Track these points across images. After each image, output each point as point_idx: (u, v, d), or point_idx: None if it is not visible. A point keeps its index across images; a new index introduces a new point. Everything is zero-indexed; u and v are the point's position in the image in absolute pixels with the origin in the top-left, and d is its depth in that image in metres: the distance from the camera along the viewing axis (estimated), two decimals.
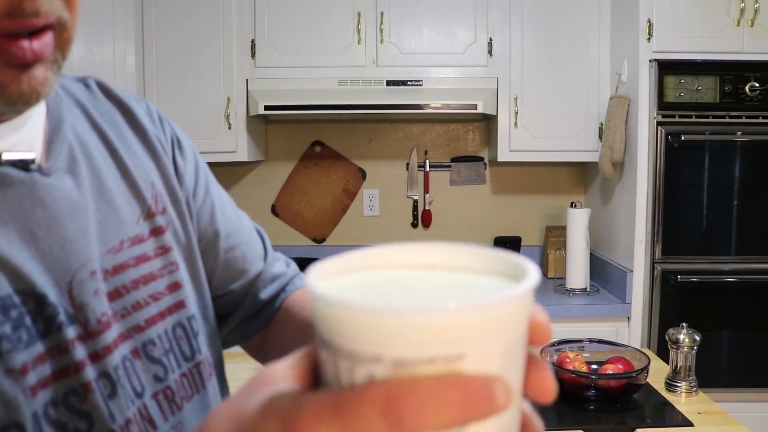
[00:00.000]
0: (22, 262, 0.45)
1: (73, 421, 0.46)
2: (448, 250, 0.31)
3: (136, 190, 0.58)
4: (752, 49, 2.23)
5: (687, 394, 1.51)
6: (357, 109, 2.49)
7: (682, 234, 2.28)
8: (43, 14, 0.43)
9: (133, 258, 0.55)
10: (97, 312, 0.50)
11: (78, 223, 0.50)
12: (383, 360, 0.25)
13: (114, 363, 0.50)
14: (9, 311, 0.43)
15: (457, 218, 2.98)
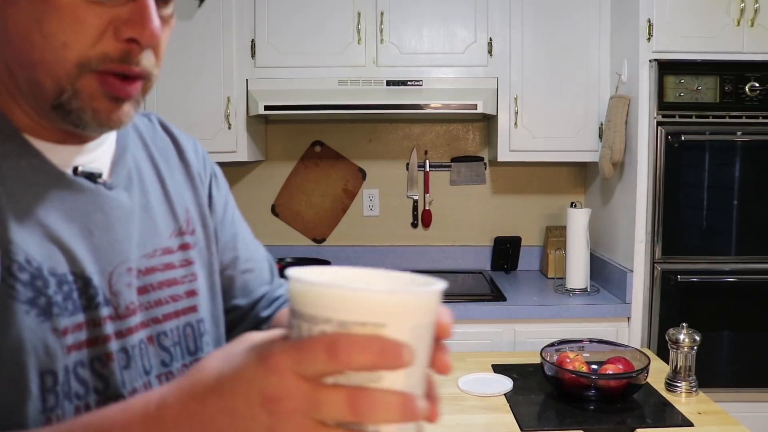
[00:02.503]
0: (79, 251, 0.60)
1: (94, 381, 0.60)
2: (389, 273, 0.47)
3: (173, 211, 0.73)
4: (752, 49, 2.23)
5: (687, 394, 1.51)
6: (357, 109, 2.49)
7: (682, 234, 2.28)
8: (141, 67, 0.59)
9: (162, 264, 0.69)
10: (127, 300, 0.64)
11: (125, 229, 0.65)
12: (332, 322, 0.40)
13: (132, 343, 0.63)
14: (62, 285, 0.58)
15: (457, 218, 2.98)
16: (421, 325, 0.42)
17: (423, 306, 0.42)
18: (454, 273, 2.92)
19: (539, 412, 1.45)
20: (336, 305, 0.40)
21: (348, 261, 2.96)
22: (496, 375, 1.64)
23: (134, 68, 0.59)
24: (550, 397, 1.50)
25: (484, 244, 2.98)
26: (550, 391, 1.53)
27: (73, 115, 0.58)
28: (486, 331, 2.33)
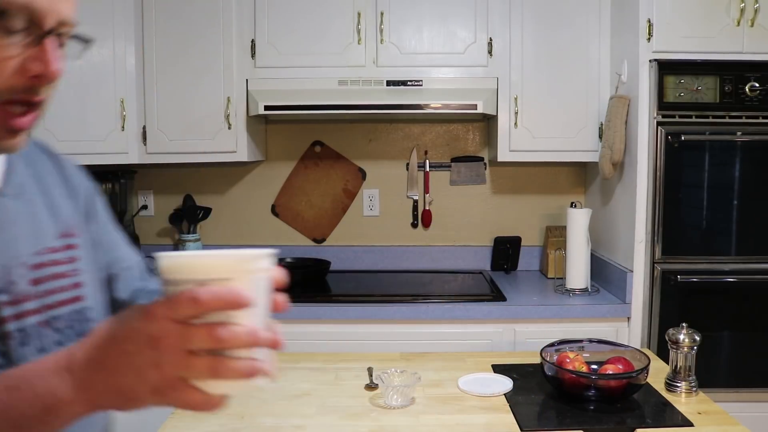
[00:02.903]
0: None
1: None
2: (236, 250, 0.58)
3: (56, 217, 0.85)
4: (752, 49, 2.23)
5: (687, 394, 1.51)
6: (357, 109, 2.50)
7: (682, 234, 2.28)
8: (41, 97, 0.69)
9: (50, 260, 0.81)
10: (21, 289, 0.76)
11: (18, 231, 0.78)
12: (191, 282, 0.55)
13: (28, 324, 0.76)
14: None
15: (457, 218, 2.98)
16: (257, 277, 0.59)
17: (256, 263, 0.59)
18: (454, 273, 2.92)
19: (539, 412, 1.45)
20: (193, 270, 0.57)
21: (348, 261, 2.96)
22: (496, 375, 1.64)
23: (35, 98, 0.70)
24: (550, 397, 1.50)
25: (484, 244, 2.98)
26: (550, 391, 1.53)
27: None
28: (486, 331, 2.33)
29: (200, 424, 1.37)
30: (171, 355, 0.56)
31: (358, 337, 2.31)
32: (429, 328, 2.33)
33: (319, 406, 1.46)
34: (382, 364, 1.68)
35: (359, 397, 1.50)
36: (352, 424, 1.37)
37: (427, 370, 1.66)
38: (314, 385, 1.59)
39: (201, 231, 2.92)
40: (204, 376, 0.57)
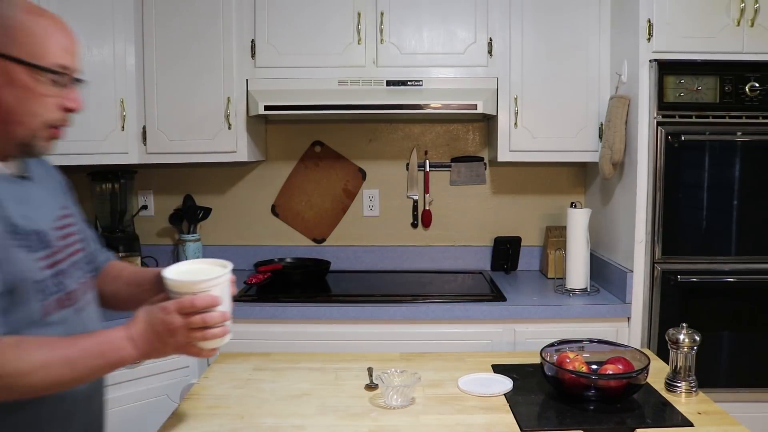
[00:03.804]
0: (32, 218, 1.13)
1: (57, 284, 1.14)
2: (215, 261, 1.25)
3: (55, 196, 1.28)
4: (752, 49, 2.23)
5: (687, 394, 1.51)
6: (357, 109, 2.49)
7: (682, 234, 2.28)
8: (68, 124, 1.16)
9: (64, 224, 1.24)
10: (54, 246, 1.17)
11: (43, 205, 1.19)
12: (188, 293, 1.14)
13: (66, 266, 1.19)
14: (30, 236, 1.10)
15: (457, 218, 2.98)
16: (222, 285, 1.18)
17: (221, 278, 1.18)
18: (454, 273, 2.92)
19: (539, 412, 1.45)
20: (183, 288, 1.15)
21: (348, 261, 2.96)
22: (496, 375, 1.64)
23: (66, 124, 1.18)
24: (550, 397, 1.50)
25: (484, 244, 2.98)
26: (550, 391, 1.53)
27: (32, 148, 1.15)
28: (486, 331, 2.33)
29: (200, 424, 1.37)
30: (180, 332, 1.13)
31: (358, 337, 2.31)
32: (429, 328, 2.33)
33: (319, 406, 1.46)
34: (382, 364, 1.68)
35: (359, 397, 1.50)
36: (352, 424, 1.37)
37: (427, 370, 1.66)
38: (314, 385, 1.59)
39: (201, 231, 2.92)
40: (199, 341, 1.16)
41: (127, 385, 2.17)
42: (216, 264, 1.23)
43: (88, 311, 1.24)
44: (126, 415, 2.18)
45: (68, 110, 1.14)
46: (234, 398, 1.50)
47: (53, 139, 1.15)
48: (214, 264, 1.24)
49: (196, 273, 1.19)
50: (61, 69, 1.10)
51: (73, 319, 1.17)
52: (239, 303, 2.35)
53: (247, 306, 2.34)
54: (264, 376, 1.63)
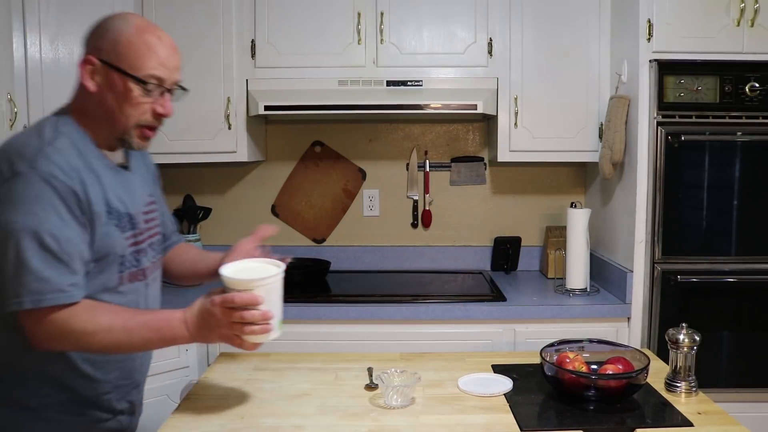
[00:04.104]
0: (126, 203, 1.37)
1: (134, 260, 1.38)
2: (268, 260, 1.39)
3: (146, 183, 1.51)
4: (752, 49, 2.23)
5: (687, 394, 1.51)
6: (357, 109, 2.49)
7: (682, 234, 2.28)
8: (160, 124, 1.38)
9: (149, 210, 1.47)
10: (141, 224, 1.41)
11: (136, 192, 1.42)
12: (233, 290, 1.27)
13: (145, 246, 1.42)
14: (122, 218, 1.34)
15: (457, 218, 2.98)
16: (268, 286, 1.29)
17: (267, 280, 1.29)
18: (454, 273, 2.92)
19: (539, 413, 1.45)
20: (234, 285, 1.27)
21: (348, 261, 2.96)
22: (496, 375, 1.64)
23: (157, 126, 1.37)
24: (550, 398, 1.50)
25: (484, 244, 2.98)
26: (550, 391, 1.53)
27: (128, 143, 1.35)
28: (486, 331, 2.33)
29: (200, 424, 1.37)
30: (222, 324, 1.27)
31: (358, 337, 2.31)
32: (429, 328, 2.33)
33: (319, 406, 1.46)
34: (382, 364, 1.68)
35: (359, 397, 1.51)
36: (352, 424, 1.37)
37: (427, 370, 1.66)
38: (314, 385, 1.59)
39: (201, 231, 2.92)
40: (242, 334, 1.27)
41: None
42: (272, 264, 1.35)
43: (153, 287, 1.47)
44: None
45: (159, 115, 1.34)
46: (234, 398, 1.50)
47: (145, 137, 1.35)
48: (270, 264, 1.35)
49: (250, 271, 1.31)
50: (154, 80, 1.29)
51: (141, 292, 1.41)
52: None
53: None
54: (264, 376, 1.63)
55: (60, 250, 1.20)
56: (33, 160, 1.20)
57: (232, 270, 1.31)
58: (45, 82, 2.35)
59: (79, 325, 1.21)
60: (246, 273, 1.30)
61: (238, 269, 1.32)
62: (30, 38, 2.32)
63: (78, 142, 1.29)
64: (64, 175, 1.22)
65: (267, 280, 1.28)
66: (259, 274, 1.29)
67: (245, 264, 1.36)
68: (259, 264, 1.36)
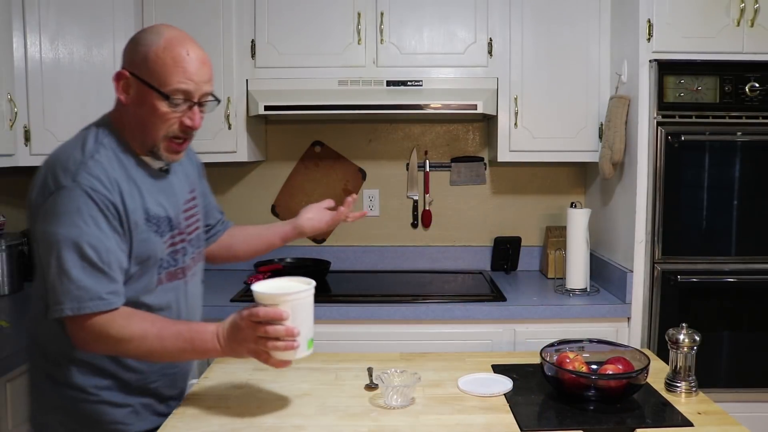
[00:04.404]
0: (166, 207, 1.43)
1: (173, 261, 1.45)
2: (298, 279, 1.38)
3: (189, 183, 1.57)
4: (752, 49, 2.23)
5: (687, 395, 1.51)
6: (357, 109, 2.49)
7: (682, 234, 2.28)
8: (189, 136, 1.42)
9: (189, 207, 1.53)
10: (182, 223, 1.49)
11: (177, 193, 1.49)
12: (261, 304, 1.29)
13: (185, 243, 1.49)
14: (161, 222, 1.41)
15: (457, 218, 2.98)
16: (294, 302, 1.29)
17: (293, 296, 1.29)
18: (454, 273, 2.92)
19: (539, 413, 1.45)
20: (261, 300, 1.29)
21: (348, 261, 2.96)
22: (496, 375, 1.64)
23: (187, 138, 1.42)
24: (550, 398, 1.50)
25: (484, 245, 2.98)
26: (550, 391, 1.53)
27: (157, 155, 1.40)
28: (486, 331, 2.33)
29: (200, 424, 1.37)
30: (249, 338, 1.28)
31: (358, 337, 2.31)
32: (429, 328, 2.33)
33: (319, 406, 1.46)
34: (382, 364, 1.68)
35: (359, 397, 1.50)
36: (352, 424, 1.37)
37: (427, 370, 1.66)
38: (314, 385, 1.59)
39: None
40: (268, 350, 1.27)
41: None
42: (305, 283, 1.35)
43: (193, 282, 1.54)
44: None
45: (186, 127, 1.38)
46: (234, 398, 1.50)
47: (173, 150, 1.40)
48: (303, 283, 1.35)
49: (283, 288, 1.32)
50: (180, 94, 1.33)
51: (181, 289, 1.48)
52: (238, 302, 2.35)
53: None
54: (264, 376, 1.63)
55: (99, 259, 1.27)
56: (75, 174, 1.28)
57: (264, 286, 1.33)
58: (45, 82, 2.36)
59: (115, 331, 1.28)
60: (278, 290, 1.31)
61: (270, 286, 1.33)
62: (30, 38, 2.33)
63: (118, 152, 1.37)
64: (104, 188, 1.29)
65: (293, 295, 1.28)
66: (288, 290, 1.29)
67: (280, 282, 1.36)
68: (292, 282, 1.36)
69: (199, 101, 1.37)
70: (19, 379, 1.82)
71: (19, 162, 2.34)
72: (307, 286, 1.33)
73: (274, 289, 1.30)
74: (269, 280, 1.37)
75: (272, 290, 1.30)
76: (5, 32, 2.25)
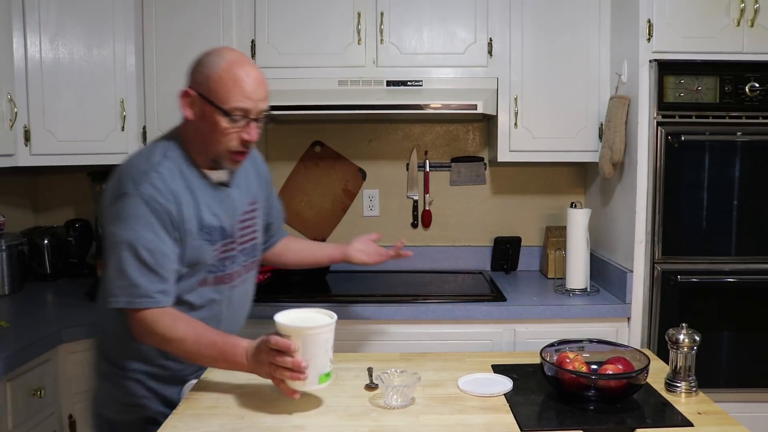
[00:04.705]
0: (221, 218, 1.58)
1: (221, 266, 1.60)
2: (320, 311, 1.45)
3: (249, 194, 1.69)
4: (752, 50, 2.23)
5: (687, 395, 1.51)
6: (357, 109, 2.49)
7: (682, 234, 2.28)
8: (248, 149, 1.56)
9: (245, 218, 1.66)
10: (236, 233, 1.62)
11: (235, 205, 1.62)
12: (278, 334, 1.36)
13: (235, 252, 1.63)
14: (214, 232, 1.55)
15: (457, 218, 2.98)
16: (306, 335, 1.34)
17: (304, 331, 1.34)
18: (454, 273, 2.92)
19: (539, 413, 1.45)
20: (279, 329, 1.36)
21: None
22: (496, 375, 1.64)
23: (246, 151, 1.53)
24: (550, 398, 1.50)
25: (484, 245, 2.98)
26: (550, 391, 1.53)
27: (220, 165, 1.54)
28: (486, 332, 2.33)
29: (200, 424, 1.37)
30: (265, 363, 1.36)
31: (358, 337, 2.31)
32: (429, 328, 2.33)
33: (319, 406, 1.45)
34: (382, 364, 1.68)
35: (359, 397, 1.50)
36: (352, 424, 1.37)
37: (427, 370, 1.66)
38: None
39: None
40: (277, 376, 1.35)
41: None
42: (326, 316, 1.42)
43: (240, 288, 1.67)
44: None
45: (245, 141, 1.50)
46: (234, 398, 1.50)
47: (234, 162, 1.54)
48: (326, 316, 1.42)
49: (305, 320, 1.39)
50: (240, 112, 1.47)
51: (225, 293, 1.62)
52: None
53: None
54: None
55: (153, 261, 1.43)
56: (138, 183, 1.45)
57: (285, 317, 1.38)
58: (45, 82, 2.36)
59: (161, 329, 1.44)
60: (298, 321, 1.37)
61: (291, 317, 1.39)
62: (30, 38, 2.33)
63: (182, 165, 1.52)
64: (163, 198, 1.45)
65: (304, 330, 1.33)
66: (304, 323, 1.36)
67: (304, 313, 1.42)
68: (318, 315, 1.42)
69: (257, 117, 1.51)
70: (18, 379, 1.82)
71: (19, 162, 2.34)
72: (324, 322, 1.37)
73: (292, 321, 1.36)
74: (294, 310, 1.42)
75: (289, 321, 1.36)
76: (5, 32, 2.25)
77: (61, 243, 2.77)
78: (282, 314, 1.39)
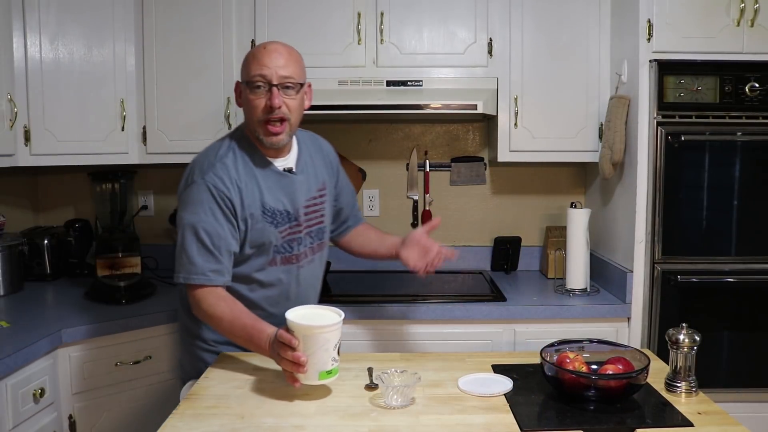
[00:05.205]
0: (285, 202, 1.73)
1: (287, 248, 1.76)
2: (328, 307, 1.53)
3: (317, 180, 1.84)
4: (752, 50, 2.23)
5: (687, 395, 1.51)
6: (357, 109, 2.49)
7: (682, 234, 2.28)
8: (279, 115, 1.65)
9: (311, 203, 1.80)
10: (301, 217, 1.77)
11: (300, 191, 1.77)
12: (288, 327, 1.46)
13: (302, 235, 1.78)
14: (278, 215, 1.72)
15: (457, 218, 2.98)
16: (307, 333, 1.42)
17: (304, 329, 1.42)
18: (454, 273, 2.92)
19: (539, 413, 1.45)
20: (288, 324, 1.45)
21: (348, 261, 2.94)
22: (496, 375, 1.64)
23: (273, 117, 1.64)
24: (550, 398, 1.50)
25: (484, 245, 2.98)
26: (550, 391, 1.53)
27: (262, 141, 1.68)
28: (486, 332, 2.33)
29: (200, 423, 1.37)
30: (275, 355, 1.48)
31: (358, 337, 2.31)
32: (429, 328, 2.33)
33: (319, 406, 1.46)
34: (382, 364, 1.68)
35: (359, 397, 1.50)
36: (352, 424, 1.37)
37: (427, 370, 1.66)
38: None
39: None
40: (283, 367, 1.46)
41: (127, 385, 2.17)
42: (335, 315, 1.49)
43: (308, 268, 1.82)
44: (126, 415, 2.18)
45: (269, 108, 1.62)
46: (234, 398, 1.50)
47: (269, 133, 1.65)
48: (334, 315, 1.49)
49: (313, 317, 1.47)
50: (259, 78, 1.61)
51: (293, 273, 1.77)
52: None
53: None
54: (264, 376, 1.63)
55: (210, 243, 1.61)
56: (204, 173, 1.64)
57: (294, 313, 1.47)
58: (45, 82, 2.36)
59: (205, 306, 1.62)
60: (305, 318, 1.46)
61: (299, 314, 1.48)
62: (30, 38, 2.32)
63: (246, 156, 1.70)
64: (224, 186, 1.62)
65: (303, 329, 1.42)
66: (310, 321, 1.44)
67: (315, 310, 1.52)
68: (327, 312, 1.50)
69: (279, 84, 1.62)
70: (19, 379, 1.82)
71: (19, 162, 2.34)
72: (325, 323, 1.44)
73: (299, 318, 1.45)
74: (307, 306, 1.54)
75: (295, 318, 1.45)
76: (5, 32, 2.25)
77: (61, 243, 2.77)
78: (293, 310, 1.48)
